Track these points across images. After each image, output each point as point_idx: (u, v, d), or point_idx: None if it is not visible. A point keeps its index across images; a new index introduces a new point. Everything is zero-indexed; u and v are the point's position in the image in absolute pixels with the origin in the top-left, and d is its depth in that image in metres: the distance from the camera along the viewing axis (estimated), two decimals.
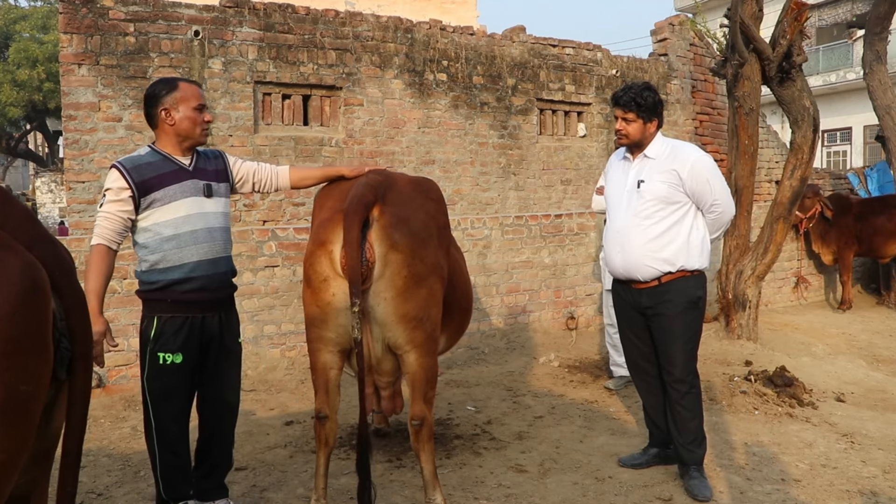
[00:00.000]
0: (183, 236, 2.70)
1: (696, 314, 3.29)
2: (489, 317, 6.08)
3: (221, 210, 2.85)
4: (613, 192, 3.47)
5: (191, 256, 2.71)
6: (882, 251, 8.70)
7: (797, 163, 5.98)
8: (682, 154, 3.26)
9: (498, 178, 7.60)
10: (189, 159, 2.80)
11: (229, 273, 2.88)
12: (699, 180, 3.20)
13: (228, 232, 2.89)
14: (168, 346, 2.68)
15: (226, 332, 2.85)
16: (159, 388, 2.70)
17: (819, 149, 16.52)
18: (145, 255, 2.73)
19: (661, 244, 3.23)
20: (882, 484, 3.30)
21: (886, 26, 9.00)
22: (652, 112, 3.29)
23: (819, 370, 5.49)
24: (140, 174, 2.66)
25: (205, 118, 2.79)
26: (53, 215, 16.95)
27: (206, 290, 2.75)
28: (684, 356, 3.26)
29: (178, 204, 2.71)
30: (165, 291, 2.70)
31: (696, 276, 3.29)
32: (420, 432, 2.79)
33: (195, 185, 2.76)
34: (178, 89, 2.74)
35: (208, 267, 2.75)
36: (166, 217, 2.68)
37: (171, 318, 2.70)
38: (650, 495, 3.17)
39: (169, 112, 2.72)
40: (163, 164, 2.72)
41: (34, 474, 1.46)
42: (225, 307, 2.87)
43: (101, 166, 5.65)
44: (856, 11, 20.72)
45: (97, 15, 5.57)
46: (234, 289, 2.95)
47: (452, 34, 7.31)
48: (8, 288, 1.26)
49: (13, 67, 18.88)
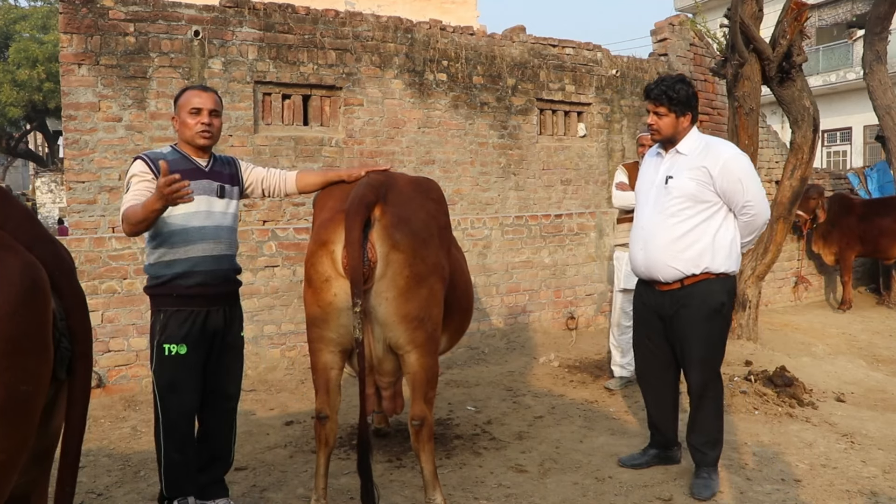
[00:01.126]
0: (191, 231, 2.80)
1: (718, 320, 3.15)
2: (489, 317, 6.08)
3: (231, 211, 2.97)
4: (642, 187, 3.36)
5: (196, 252, 2.80)
6: (889, 252, 8.70)
7: (797, 163, 5.98)
8: (714, 151, 3.12)
9: (498, 178, 7.60)
10: (206, 161, 2.94)
11: (232, 271, 2.96)
12: (730, 179, 3.05)
13: (235, 232, 2.99)
14: (173, 337, 2.76)
15: (229, 326, 2.94)
16: (166, 380, 2.78)
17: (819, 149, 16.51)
18: (154, 246, 2.83)
19: (685, 244, 3.10)
20: (882, 484, 3.30)
21: (886, 26, 9.00)
22: (685, 106, 3.15)
23: (819, 370, 5.49)
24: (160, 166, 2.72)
25: (201, 120, 2.86)
26: (53, 215, 16.95)
27: (209, 285, 2.83)
28: (703, 363, 3.15)
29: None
30: (170, 286, 2.80)
31: (722, 279, 3.14)
32: (420, 432, 2.79)
33: (209, 185, 2.89)
34: (181, 97, 2.90)
35: (211, 263, 2.83)
36: (178, 210, 2.75)
37: (177, 311, 2.79)
38: (650, 495, 3.17)
39: (175, 118, 2.94)
40: (181, 162, 2.85)
41: (34, 474, 1.46)
42: (229, 302, 2.95)
43: (101, 166, 5.65)
44: (856, 11, 20.71)
45: (97, 15, 5.57)
46: (238, 285, 3.03)
47: (452, 34, 7.31)
48: (8, 288, 1.26)
49: (13, 67, 18.88)
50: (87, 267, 4.55)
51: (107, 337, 4.57)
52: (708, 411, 3.21)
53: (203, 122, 2.86)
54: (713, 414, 3.22)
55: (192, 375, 2.81)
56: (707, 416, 3.21)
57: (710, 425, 3.21)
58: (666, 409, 3.45)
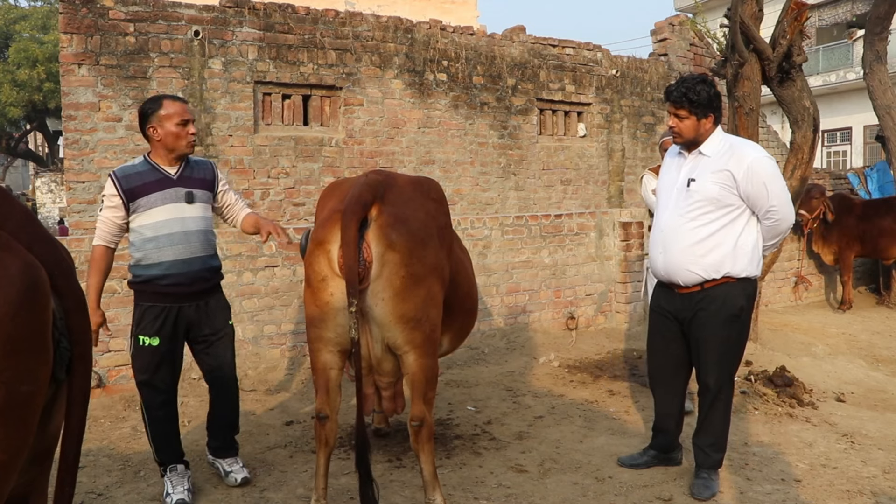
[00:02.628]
0: (161, 238, 3.07)
1: (737, 325, 3.09)
2: (489, 317, 6.08)
3: (201, 215, 3.19)
4: (663, 189, 3.28)
5: (167, 256, 3.08)
6: (888, 252, 8.70)
7: (797, 163, 5.98)
8: (739, 153, 3.02)
9: (498, 178, 7.60)
10: (176, 168, 3.16)
11: (205, 270, 3.19)
12: (755, 183, 2.96)
13: (207, 234, 3.21)
14: (146, 330, 3.09)
15: (208, 318, 3.22)
16: (140, 366, 3.13)
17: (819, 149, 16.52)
18: (133, 251, 3.13)
19: (706, 248, 3.03)
20: (882, 484, 3.30)
21: (886, 26, 9.00)
22: (707, 107, 3.05)
23: (819, 370, 5.49)
24: (129, 182, 3.07)
25: (189, 131, 3.11)
26: (53, 215, 16.96)
27: (181, 284, 3.11)
28: (719, 367, 3.11)
29: (158, 210, 3.07)
30: (148, 284, 3.11)
31: (743, 283, 3.07)
32: (420, 433, 2.79)
33: (177, 193, 3.12)
34: (163, 107, 3.09)
35: (182, 266, 3.10)
36: (148, 221, 3.07)
37: (151, 306, 3.10)
38: (650, 495, 3.17)
39: (156, 129, 3.09)
40: (150, 174, 3.10)
41: (33, 475, 1.46)
42: (204, 298, 3.21)
43: (101, 166, 5.66)
44: (856, 11, 20.72)
45: (97, 15, 5.57)
46: (215, 280, 3.28)
47: (452, 34, 7.31)
48: (8, 288, 1.26)
49: (13, 67, 18.89)
50: (86, 267, 4.54)
51: (107, 337, 4.57)
52: (718, 414, 3.18)
53: (191, 133, 3.13)
54: (723, 417, 3.20)
55: (163, 363, 3.13)
56: (717, 420, 3.19)
57: (718, 428, 3.20)
58: (673, 412, 3.43)
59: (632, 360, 5.60)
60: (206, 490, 3.25)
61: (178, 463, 3.18)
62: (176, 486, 3.10)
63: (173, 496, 3.07)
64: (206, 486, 3.29)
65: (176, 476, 3.14)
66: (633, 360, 5.60)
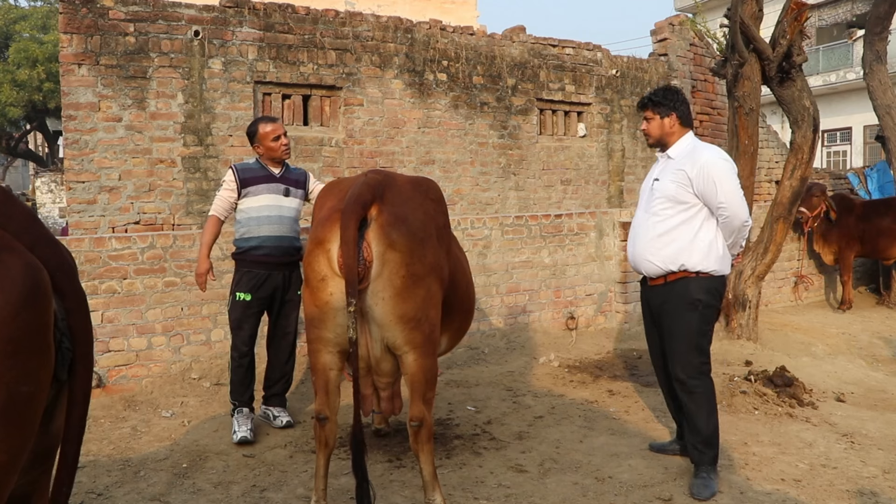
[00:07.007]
0: (261, 218, 3.97)
1: (694, 316, 3.27)
2: (489, 317, 6.08)
3: (293, 206, 4.11)
4: (642, 189, 3.62)
5: (264, 232, 3.96)
6: (888, 253, 8.69)
7: (797, 163, 5.98)
8: (696, 155, 3.27)
9: (498, 178, 7.60)
10: (279, 170, 4.10)
11: (291, 248, 4.06)
12: (706, 181, 3.19)
13: (295, 221, 4.11)
14: (242, 287, 3.96)
15: (289, 285, 4.07)
16: (234, 317, 3.99)
17: (819, 149, 16.53)
18: (238, 227, 4.01)
19: (663, 242, 3.29)
20: (882, 484, 3.30)
21: (886, 26, 8.99)
22: (667, 106, 3.33)
23: (819, 370, 5.49)
24: (244, 174, 4.02)
25: (282, 143, 4.04)
26: (53, 215, 16.93)
27: (272, 255, 3.97)
28: (683, 356, 3.29)
29: (262, 197, 3.98)
30: (247, 254, 3.98)
31: (701, 278, 3.26)
32: (419, 433, 2.79)
33: (277, 187, 4.05)
34: (259, 129, 4.04)
35: (274, 241, 3.97)
36: (253, 204, 3.98)
37: (248, 271, 3.97)
38: (650, 495, 3.17)
39: (258, 145, 4.07)
40: (259, 171, 4.06)
41: (35, 475, 1.46)
42: (289, 268, 4.07)
43: (101, 166, 5.66)
44: (856, 11, 20.71)
45: (97, 15, 5.57)
46: (296, 257, 4.07)
47: (452, 34, 7.31)
48: (10, 289, 1.26)
49: (13, 67, 18.85)
50: (87, 267, 4.55)
51: (107, 337, 4.57)
52: (697, 410, 3.27)
53: (284, 144, 4.06)
54: (704, 413, 3.27)
55: (252, 316, 3.99)
56: (697, 415, 3.27)
57: (701, 424, 3.26)
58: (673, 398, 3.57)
59: (632, 360, 5.60)
60: (207, 490, 3.26)
61: (246, 406, 3.94)
62: (241, 426, 3.84)
63: (238, 433, 3.80)
64: (206, 486, 3.29)
65: (242, 417, 3.89)
66: (632, 360, 5.60)
